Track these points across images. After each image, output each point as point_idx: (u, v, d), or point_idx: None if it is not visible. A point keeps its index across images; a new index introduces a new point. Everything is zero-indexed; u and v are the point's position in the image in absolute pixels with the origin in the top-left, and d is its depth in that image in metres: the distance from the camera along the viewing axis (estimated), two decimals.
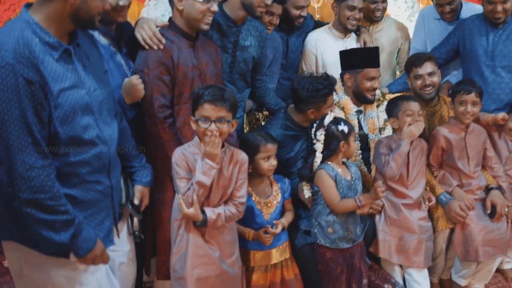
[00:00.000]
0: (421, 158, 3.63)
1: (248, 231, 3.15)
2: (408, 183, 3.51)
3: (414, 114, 3.54)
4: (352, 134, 3.24)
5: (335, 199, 3.15)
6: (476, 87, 3.66)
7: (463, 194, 3.60)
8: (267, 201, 3.21)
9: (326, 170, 3.20)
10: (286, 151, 3.48)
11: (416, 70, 3.91)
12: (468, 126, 3.69)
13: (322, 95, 3.36)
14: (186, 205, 2.70)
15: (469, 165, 3.67)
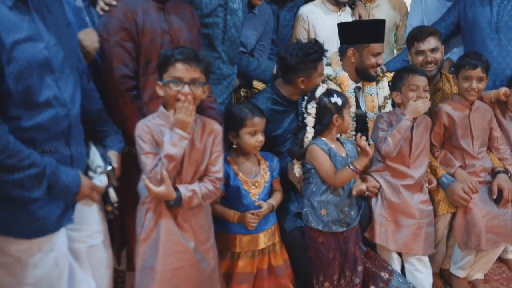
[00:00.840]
0: (426, 136, 3.40)
1: (232, 213, 2.92)
2: (410, 162, 3.29)
3: (419, 89, 3.29)
4: (346, 107, 3.00)
5: (331, 172, 2.91)
6: (482, 61, 3.41)
7: (466, 176, 3.39)
8: (255, 180, 2.98)
9: (319, 144, 2.96)
10: (273, 128, 3.25)
11: (418, 45, 3.66)
12: (473, 103, 3.49)
13: (312, 60, 3.14)
14: (155, 184, 2.41)
15: (473, 145, 3.46)
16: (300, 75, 3.18)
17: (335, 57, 3.59)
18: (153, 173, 2.39)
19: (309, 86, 3.17)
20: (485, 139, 3.52)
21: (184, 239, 2.52)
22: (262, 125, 2.94)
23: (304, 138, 3.04)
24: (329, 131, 3.03)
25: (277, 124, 3.28)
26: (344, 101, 2.99)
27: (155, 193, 2.42)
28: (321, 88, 3.05)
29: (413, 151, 3.27)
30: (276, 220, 3.08)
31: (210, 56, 3.15)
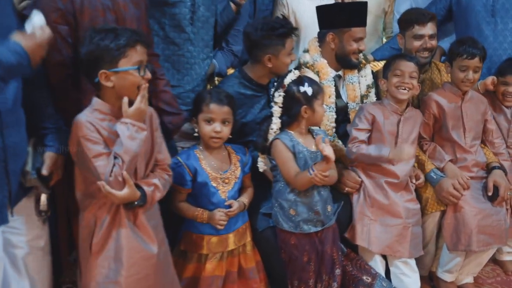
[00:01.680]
0: (414, 132, 3.16)
1: (201, 212, 2.70)
2: (396, 159, 3.05)
3: (404, 74, 3.03)
4: (318, 98, 2.73)
5: (291, 173, 2.66)
6: (480, 49, 3.16)
7: (457, 171, 3.16)
8: (225, 176, 2.77)
9: (282, 139, 2.70)
10: (242, 114, 3.02)
11: (417, 29, 3.39)
12: (466, 93, 3.26)
13: (279, 36, 2.91)
14: (117, 187, 2.15)
15: (465, 137, 3.24)
16: (266, 52, 2.95)
17: (314, 43, 3.35)
18: (113, 176, 2.13)
19: (277, 65, 2.97)
20: (478, 132, 3.30)
21: (146, 244, 2.30)
22: (222, 114, 2.69)
23: (268, 129, 2.79)
24: (297, 123, 2.77)
25: (246, 109, 3.05)
26: (316, 91, 2.72)
27: (119, 197, 2.17)
28: (291, 75, 2.78)
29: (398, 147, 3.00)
30: (247, 219, 2.87)
31: (177, 38, 2.93)
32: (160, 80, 2.74)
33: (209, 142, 2.72)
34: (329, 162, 2.53)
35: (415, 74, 3.04)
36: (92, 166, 2.13)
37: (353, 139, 3.04)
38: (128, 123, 2.16)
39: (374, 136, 3.07)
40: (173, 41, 2.98)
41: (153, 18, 2.91)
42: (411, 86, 3.01)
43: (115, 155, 2.15)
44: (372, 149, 2.98)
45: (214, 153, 2.77)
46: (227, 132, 2.72)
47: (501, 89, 3.39)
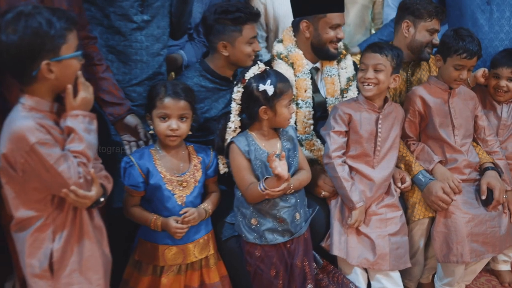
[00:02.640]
0: (395, 130, 2.88)
1: (154, 218, 2.45)
2: (375, 162, 2.82)
3: (367, 69, 2.75)
4: (283, 98, 2.43)
5: (243, 185, 2.43)
6: (478, 46, 2.87)
7: (447, 173, 2.91)
8: (182, 179, 2.50)
9: (238, 143, 2.45)
10: (204, 108, 2.82)
11: (434, 23, 3.12)
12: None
13: (234, 20, 2.71)
14: (86, 189, 1.92)
15: (455, 136, 2.98)
16: (220, 38, 2.75)
17: (288, 32, 3.10)
18: (82, 177, 1.91)
19: (235, 55, 2.78)
20: (469, 129, 3.04)
21: (104, 249, 2.11)
22: (179, 109, 2.44)
23: (226, 128, 2.52)
24: (258, 124, 2.49)
25: (209, 104, 2.85)
26: (281, 90, 2.41)
27: (92, 198, 1.95)
28: (255, 68, 2.48)
29: (378, 149, 2.81)
30: (210, 228, 2.61)
31: (124, 27, 2.66)
32: (98, 66, 2.51)
33: (165, 140, 2.47)
34: (281, 180, 2.28)
35: (381, 67, 2.71)
36: (55, 172, 1.86)
37: (334, 149, 2.75)
38: (80, 115, 1.95)
39: (351, 138, 2.79)
40: (119, 31, 2.69)
41: (96, 6, 2.66)
42: (376, 81, 2.71)
43: (74, 154, 1.91)
44: (347, 187, 2.70)
45: (172, 153, 2.52)
46: (185, 129, 2.47)
47: (493, 83, 3.15)
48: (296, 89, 2.98)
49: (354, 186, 2.72)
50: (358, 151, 2.79)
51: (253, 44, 2.79)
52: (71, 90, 1.95)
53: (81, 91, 1.97)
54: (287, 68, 3.00)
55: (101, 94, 2.53)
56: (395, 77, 2.77)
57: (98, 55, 2.56)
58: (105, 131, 2.66)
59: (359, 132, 2.77)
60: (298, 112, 2.98)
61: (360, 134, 2.77)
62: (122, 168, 2.44)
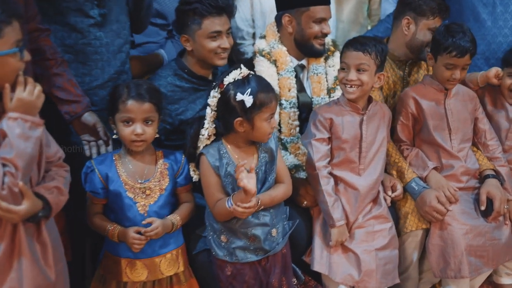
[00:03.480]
0: (381, 131, 2.64)
1: (112, 228, 2.28)
2: (361, 168, 2.59)
3: (349, 68, 2.50)
4: (263, 111, 2.20)
5: (211, 202, 2.26)
6: (471, 43, 2.66)
7: (442, 181, 2.70)
8: (145, 186, 2.31)
9: (208, 156, 2.25)
10: (179, 109, 2.67)
11: (437, 21, 2.89)
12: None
13: (192, 12, 2.57)
14: (12, 202, 1.75)
15: (451, 140, 2.76)
16: (184, 31, 2.62)
17: (271, 27, 2.90)
18: (6, 188, 1.73)
19: (198, 50, 2.64)
20: (467, 133, 2.81)
21: (44, 271, 1.90)
22: (143, 112, 2.26)
23: (198, 135, 2.31)
24: (234, 135, 2.28)
25: (185, 105, 2.69)
26: (262, 102, 2.18)
27: (20, 213, 1.77)
28: (236, 73, 2.24)
29: (364, 154, 2.58)
30: (181, 242, 2.43)
31: (80, 23, 2.47)
32: (51, 61, 2.33)
33: (130, 146, 2.29)
34: (248, 195, 2.09)
35: (364, 67, 2.47)
36: None
37: (319, 159, 2.51)
38: (19, 118, 1.77)
39: (334, 144, 2.57)
40: (75, 28, 2.49)
41: (47, 1, 2.45)
42: (359, 82, 2.47)
43: (2, 161, 1.73)
44: (329, 202, 2.48)
45: (137, 158, 2.34)
46: (151, 133, 2.29)
47: (508, 83, 2.89)
48: (279, 88, 2.79)
49: (337, 203, 2.49)
50: (341, 157, 2.56)
51: (219, 40, 2.62)
52: (9, 90, 1.78)
53: (17, 91, 1.78)
54: (269, 66, 2.80)
55: (55, 91, 2.35)
56: (380, 76, 2.54)
57: (51, 49, 2.37)
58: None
59: (341, 137, 2.54)
60: (282, 113, 2.80)
61: (343, 139, 2.54)
62: (83, 173, 2.30)
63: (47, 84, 2.28)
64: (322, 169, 2.51)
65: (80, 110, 2.39)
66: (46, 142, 1.96)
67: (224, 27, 2.63)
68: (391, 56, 2.93)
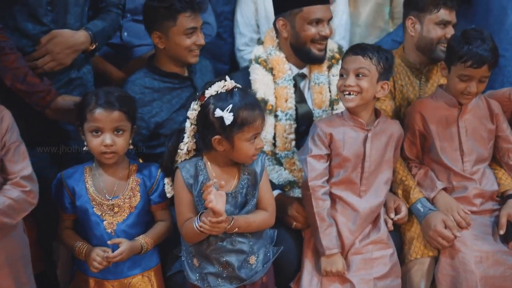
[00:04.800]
0: (388, 151, 2.41)
1: (78, 246, 2.17)
2: (362, 190, 2.38)
3: (348, 74, 2.30)
4: (245, 130, 2.00)
5: (180, 220, 2.10)
6: (490, 52, 2.39)
7: (451, 203, 2.47)
8: (114, 203, 2.18)
9: (182, 172, 2.08)
10: (153, 112, 2.54)
11: (443, 13, 2.65)
12: None
13: (167, 8, 2.44)
14: None
15: (464, 162, 2.52)
16: (154, 28, 2.50)
17: (270, 33, 2.75)
18: None
19: (172, 48, 2.51)
20: (482, 153, 2.55)
21: None
22: (112, 122, 2.12)
23: (176, 148, 2.14)
24: (214, 152, 2.09)
25: (158, 106, 2.55)
26: (244, 120, 1.99)
27: None
28: (219, 85, 2.05)
29: (366, 174, 2.37)
30: (155, 263, 2.28)
31: (32, 30, 2.37)
32: (11, 55, 2.23)
33: (100, 158, 2.17)
34: (217, 215, 1.91)
35: (364, 71, 2.27)
36: None
37: (313, 178, 2.31)
38: None
39: (334, 162, 2.36)
40: (26, 34, 2.37)
41: (1, 3, 2.35)
42: (358, 88, 2.27)
43: None
44: (320, 227, 2.27)
45: (109, 172, 2.21)
46: (122, 144, 2.15)
47: None
48: (276, 98, 2.64)
49: (330, 229, 2.28)
50: (341, 177, 2.35)
51: (194, 37, 2.49)
52: None
53: None
54: (265, 74, 2.64)
55: (19, 86, 2.26)
56: (383, 85, 2.32)
57: (9, 43, 2.27)
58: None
59: (342, 155, 2.33)
60: (278, 126, 2.64)
61: (343, 157, 2.33)
62: (52, 186, 2.22)
63: (8, 80, 2.23)
64: (316, 190, 2.30)
65: (51, 98, 2.30)
66: (11, 157, 1.97)
67: (198, 23, 2.52)
68: (407, 62, 2.74)
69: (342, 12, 3.18)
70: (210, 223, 1.92)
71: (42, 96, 2.29)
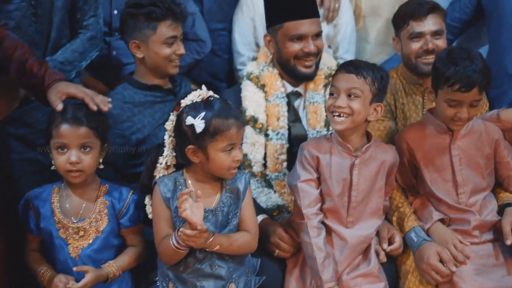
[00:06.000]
0: (379, 180, 2.23)
1: (42, 271, 2.09)
2: (348, 221, 2.20)
3: (339, 93, 2.14)
4: (218, 139, 1.93)
5: (157, 238, 2.01)
6: (480, 73, 2.17)
7: (448, 234, 2.27)
8: (79, 226, 2.09)
9: (160, 186, 1.99)
10: (134, 128, 2.46)
11: (413, 26, 2.51)
12: None
13: (146, 15, 2.37)
14: None
15: (458, 194, 2.32)
16: (132, 36, 2.43)
17: (264, 48, 2.66)
18: None
19: (151, 57, 2.44)
20: (480, 183, 2.34)
21: None
22: (79, 138, 2.04)
23: (155, 163, 2.04)
24: (193, 166, 2.01)
25: (140, 121, 2.47)
26: (217, 128, 1.92)
27: None
28: (195, 94, 1.99)
29: (353, 204, 2.19)
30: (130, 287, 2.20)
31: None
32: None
33: (66, 176, 2.08)
34: (192, 226, 1.83)
35: (356, 92, 2.10)
36: None
37: (307, 205, 2.15)
38: None
39: (322, 188, 2.20)
40: None
41: None
42: (349, 110, 2.11)
43: None
44: (318, 259, 2.10)
45: (77, 193, 2.12)
46: (90, 163, 2.06)
47: None
48: (267, 117, 2.51)
49: (329, 260, 2.11)
50: (329, 204, 2.19)
51: (174, 46, 2.42)
52: None
53: None
54: (256, 91, 2.52)
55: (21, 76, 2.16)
56: (376, 107, 2.15)
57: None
58: None
59: (327, 182, 2.18)
60: (268, 145, 2.51)
61: (329, 185, 2.18)
62: (20, 206, 2.15)
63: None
64: (312, 218, 2.14)
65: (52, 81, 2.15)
66: None
67: (179, 32, 2.44)
68: (408, 79, 2.59)
69: (346, 25, 3.06)
70: (186, 235, 1.83)
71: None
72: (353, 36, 3.11)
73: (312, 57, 2.48)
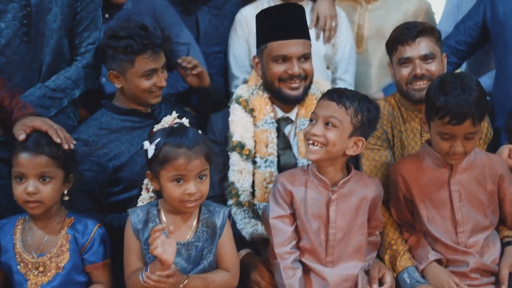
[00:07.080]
0: (361, 216, 2.09)
1: None
2: (328, 260, 2.07)
3: (317, 121, 2.01)
4: (166, 168, 1.88)
5: (127, 271, 1.94)
6: (473, 104, 2.01)
7: (443, 276, 2.13)
8: (39, 261, 2.00)
9: (132, 216, 1.95)
10: (110, 154, 2.37)
11: (400, 51, 2.39)
12: None
13: (124, 49, 2.30)
14: None
15: (457, 233, 2.17)
16: (110, 67, 2.37)
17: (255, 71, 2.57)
18: None
19: (129, 89, 2.37)
20: (482, 222, 2.19)
21: None
22: (37, 167, 1.96)
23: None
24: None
25: (116, 147, 2.39)
26: (166, 156, 1.87)
27: None
28: (167, 119, 1.99)
29: (331, 243, 2.06)
30: None
31: None
32: None
33: (25, 208, 2.01)
34: (164, 266, 1.76)
35: (334, 121, 1.97)
36: None
37: (280, 244, 2.03)
38: None
39: (298, 224, 2.08)
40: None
41: None
42: (323, 140, 1.98)
43: None
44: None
45: (39, 225, 2.04)
46: (49, 193, 1.98)
47: None
48: (255, 143, 2.41)
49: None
50: (306, 242, 2.06)
51: (154, 78, 2.34)
52: None
53: None
54: (244, 115, 2.42)
55: None
56: (358, 141, 2.01)
57: None
58: None
59: (302, 218, 2.04)
60: (256, 173, 2.39)
61: (304, 221, 2.04)
62: None
63: None
64: (285, 257, 2.02)
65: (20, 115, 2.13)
66: None
67: (159, 64, 2.36)
68: (406, 105, 2.45)
69: (344, 44, 2.94)
70: (155, 278, 1.75)
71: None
72: (353, 56, 2.98)
73: (298, 79, 2.37)
